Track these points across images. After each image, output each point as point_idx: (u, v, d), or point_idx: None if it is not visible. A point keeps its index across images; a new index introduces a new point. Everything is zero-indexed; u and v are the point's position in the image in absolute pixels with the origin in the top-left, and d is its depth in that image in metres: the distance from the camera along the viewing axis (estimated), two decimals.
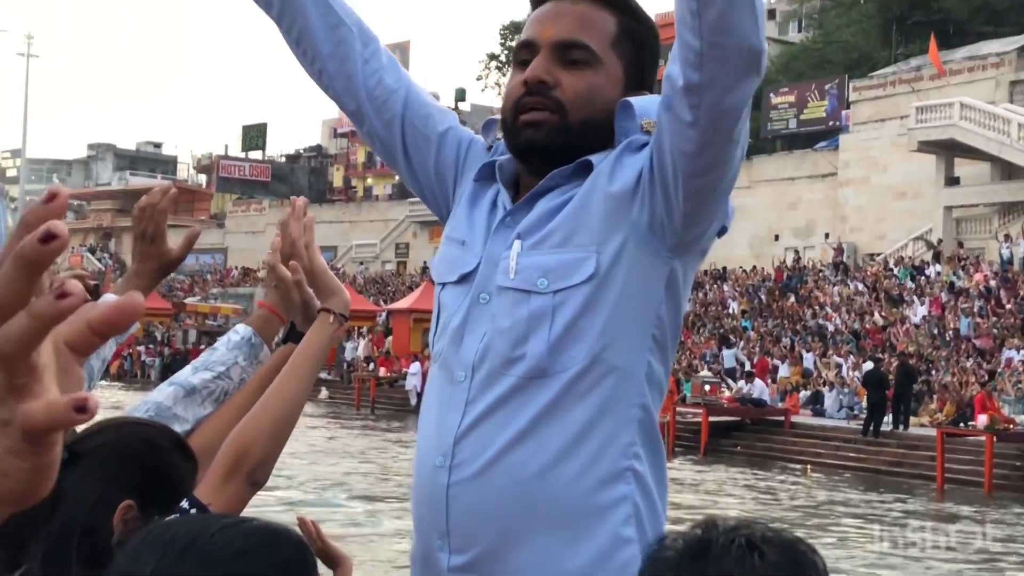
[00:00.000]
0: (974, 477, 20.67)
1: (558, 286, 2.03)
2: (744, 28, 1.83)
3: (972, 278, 34.13)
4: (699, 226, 2.05)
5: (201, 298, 56.50)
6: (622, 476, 2.02)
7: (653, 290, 2.05)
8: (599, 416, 2.01)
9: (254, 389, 2.32)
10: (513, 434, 2.01)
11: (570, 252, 2.05)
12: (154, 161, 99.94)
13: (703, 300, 41.13)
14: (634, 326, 2.04)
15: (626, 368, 2.03)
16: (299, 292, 2.41)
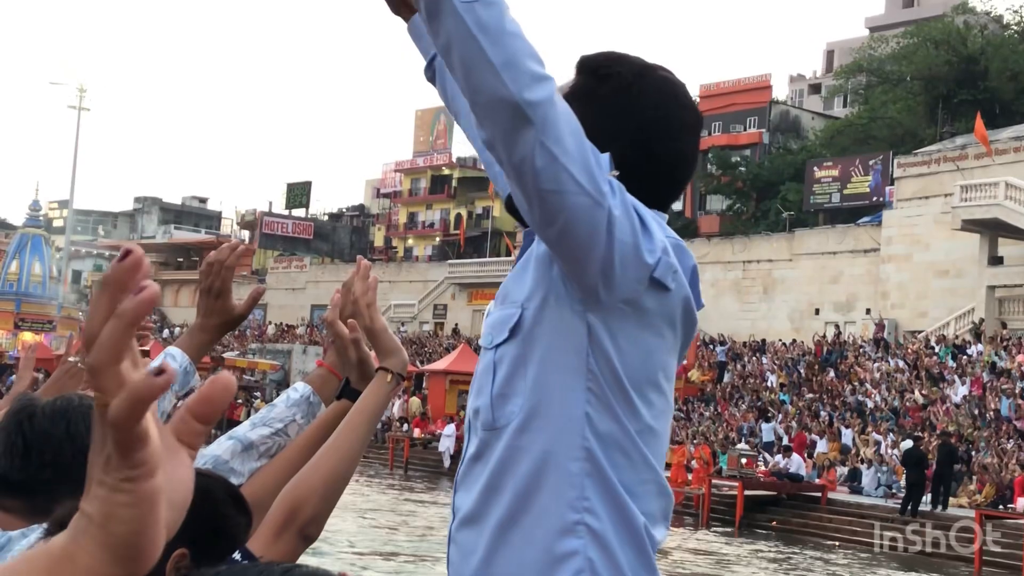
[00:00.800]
0: (1013, 561, 20.32)
1: (496, 342, 2.11)
2: (488, 84, 1.87)
3: (1014, 359, 33.79)
4: (584, 278, 2.01)
5: (240, 353, 56.72)
6: (572, 530, 2.02)
7: (577, 344, 2.05)
8: (541, 470, 2.04)
9: (306, 444, 2.34)
10: (481, 487, 2.08)
11: (507, 309, 2.11)
12: (199, 216, 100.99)
13: (741, 372, 40.92)
14: (565, 380, 2.05)
15: (561, 421, 2.04)
16: (356, 350, 2.43)
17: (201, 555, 1.90)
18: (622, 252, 1.98)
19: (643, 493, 2.07)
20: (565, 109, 1.93)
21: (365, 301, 2.40)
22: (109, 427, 0.87)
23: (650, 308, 2.05)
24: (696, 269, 2.15)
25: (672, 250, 2.05)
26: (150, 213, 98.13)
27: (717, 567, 18.79)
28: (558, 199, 1.92)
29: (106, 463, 0.88)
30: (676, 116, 2.17)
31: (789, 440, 30.93)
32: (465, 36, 1.87)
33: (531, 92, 1.87)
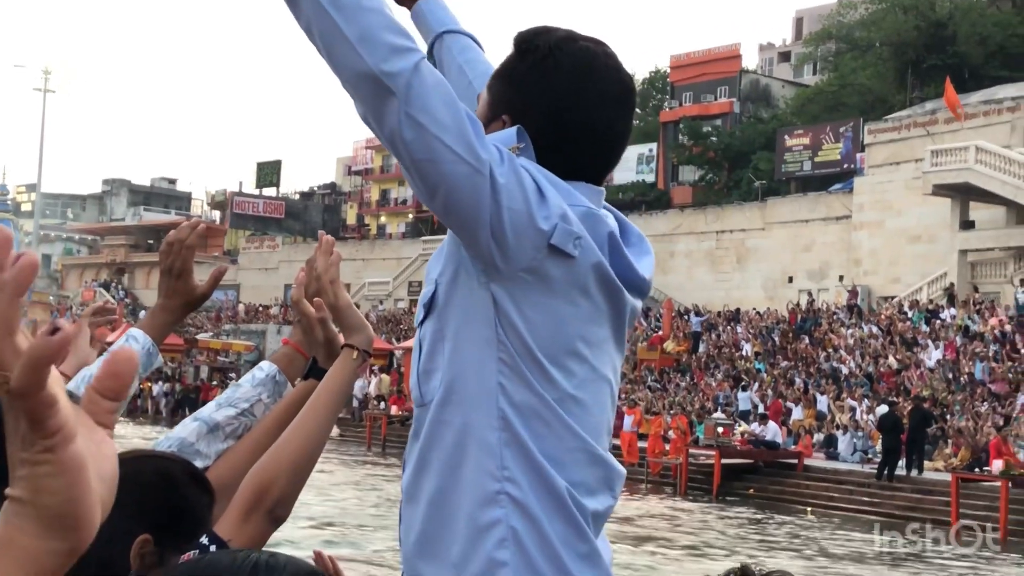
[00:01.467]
0: (989, 523, 20.47)
1: (418, 320, 2.15)
2: (348, 60, 1.92)
3: (987, 322, 34.02)
4: (476, 247, 2.02)
5: (213, 334, 56.58)
6: (494, 500, 2.04)
7: (485, 315, 2.06)
8: (463, 442, 2.06)
9: (273, 424, 2.29)
10: (414, 462, 2.11)
11: (427, 286, 2.15)
12: (168, 197, 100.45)
13: (716, 342, 41.07)
14: (479, 352, 2.06)
15: (477, 394, 2.06)
16: (322, 329, 2.38)
17: (166, 539, 1.85)
18: (513, 220, 1.97)
19: (571, 462, 2.06)
20: (435, 79, 1.95)
21: (328, 277, 2.37)
22: (15, 399, 0.86)
23: (555, 276, 2.03)
24: (615, 237, 2.11)
25: (581, 218, 2.04)
26: (119, 195, 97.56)
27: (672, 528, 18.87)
28: (433, 168, 1.94)
29: (23, 441, 0.88)
30: (592, 88, 2.14)
31: (765, 408, 31.08)
32: (321, 14, 1.93)
33: (389, 64, 1.90)
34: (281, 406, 2.38)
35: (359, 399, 40.41)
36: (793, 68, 72.85)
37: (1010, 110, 41.50)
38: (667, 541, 18.17)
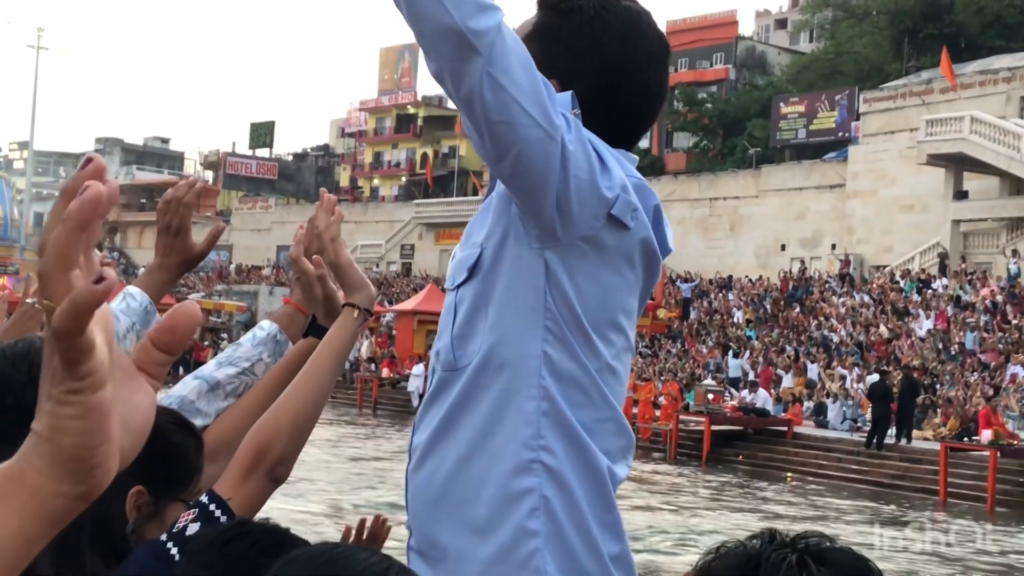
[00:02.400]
0: (977, 492, 20.59)
1: (457, 282, 2.11)
2: (432, 13, 1.84)
3: (979, 292, 34.07)
4: (540, 214, 1.99)
5: (205, 294, 56.50)
6: (528, 469, 2.03)
7: (535, 282, 2.05)
8: (500, 409, 2.04)
9: (273, 383, 2.29)
10: (437, 425, 2.08)
11: (467, 249, 2.11)
12: (161, 156, 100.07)
13: (708, 309, 41.11)
14: (524, 319, 2.05)
15: (519, 361, 2.04)
16: (321, 286, 2.37)
17: (159, 488, 1.85)
18: (578, 188, 1.96)
19: (601, 431, 2.07)
20: (514, 40, 1.90)
21: (329, 235, 2.35)
22: (53, 336, 0.84)
23: (609, 246, 2.04)
24: (660, 209, 2.13)
25: (633, 189, 2.04)
26: (112, 154, 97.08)
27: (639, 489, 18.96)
28: (509, 131, 1.90)
29: (53, 376, 0.86)
30: (642, 48, 2.12)
31: (755, 375, 31.14)
32: None
33: (475, 21, 1.84)
34: (281, 364, 2.38)
35: (350, 362, 40.40)
36: (789, 35, 72.56)
37: (1006, 80, 41.39)
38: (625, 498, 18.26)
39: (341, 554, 1.24)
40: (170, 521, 1.83)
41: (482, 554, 2.02)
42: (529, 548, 2.01)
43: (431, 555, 2.08)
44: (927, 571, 13.75)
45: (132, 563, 1.72)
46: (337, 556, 1.23)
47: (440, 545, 2.06)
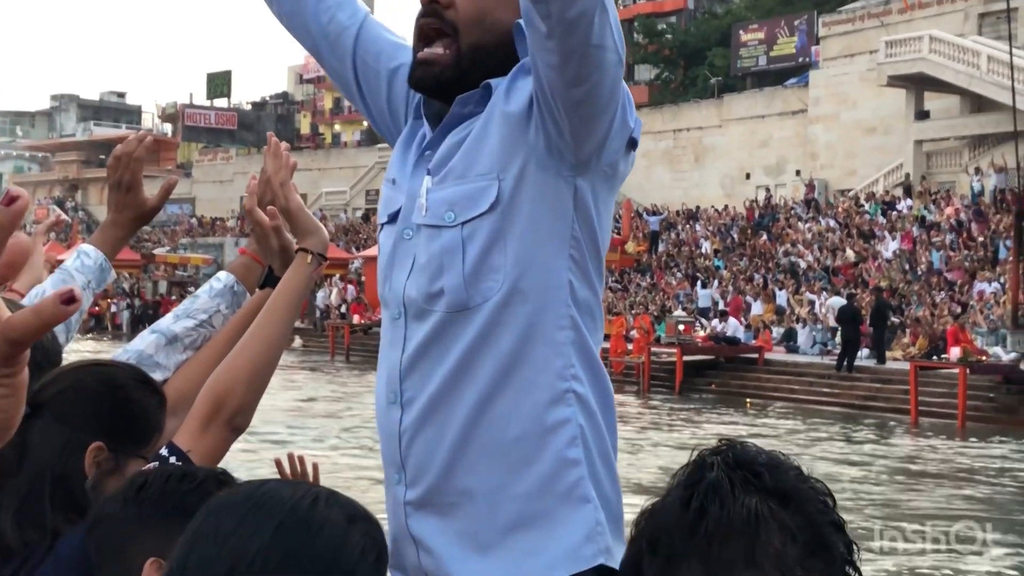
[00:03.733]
0: (948, 410, 20.82)
1: (464, 217, 2.03)
2: None
3: (943, 212, 34.28)
4: (591, 140, 2.00)
5: (170, 248, 56.19)
6: (562, 399, 2.03)
7: (562, 211, 2.04)
8: (527, 343, 2.02)
9: (231, 334, 2.26)
10: (449, 368, 2.03)
11: (472, 182, 2.04)
12: (118, 111, 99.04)
13: (675, 240, 41.22)
14: (549, 249, 2.04)
15: (546, 292, 2.03)
16: (277, 237, 2.33)
17: (119, 444, 1.83)
18: (620, 115, 1.99)
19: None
20: None
21: (278, 180, 2.29)
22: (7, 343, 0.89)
23: (620, 172, 2.09)
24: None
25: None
26: (68, 111, 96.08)
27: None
28: (600, 56, 1.89)
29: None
30: None
31: (725, 305, 31.30)
32: None
33: None
34: (238, 316, 2.35)
35: (321, 309, 40.38)
36: None
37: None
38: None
39: (264, 495, 1.22)
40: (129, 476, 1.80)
41: (519, 489, 2.01)
42: (573, 477, 2.01)
43: (446, 503, 2.04)
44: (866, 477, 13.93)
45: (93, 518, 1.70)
46: (262, 499, 1.22)
47: (461, 490, 2.03)
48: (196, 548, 1.20)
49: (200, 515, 1.24)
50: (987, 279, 28.42)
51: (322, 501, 1.24)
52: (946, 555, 9.97)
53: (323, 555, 1.20)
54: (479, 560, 2.02)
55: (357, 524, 1.24)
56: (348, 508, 1.25)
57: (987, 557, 10.11)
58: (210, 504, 1.24)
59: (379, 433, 2.17)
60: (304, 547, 1.19)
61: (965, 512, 12.43)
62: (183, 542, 1.22)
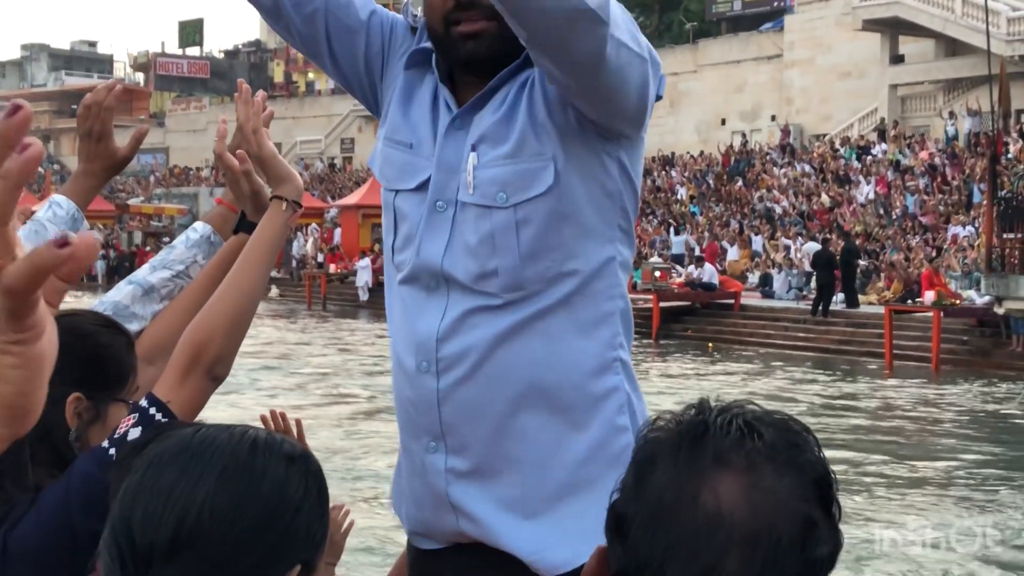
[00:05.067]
0: (922, 353, 20.97)
1: (517, 199, 2.03)
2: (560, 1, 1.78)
3: (917, 156, 34.35)
4: (623, 117, 2.03)
5: (144, 199, 55.82)
6: (611, 367, 2.07)
7: (611, 186, 2.06)
8: (579, 315, 2.04)
9: (207, 281, 2.26)
10: (500, 337, 2.03)
11: (525, 163, 2.03)
12: (90, 60, 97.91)
13: (652, 187, 41.18)
14: (601, 225, 2.06)
15: (600, 268, 2.06)
16: (248, 181, 2.32)
17: (96, 391, 1.84)
18: (650, 92, 2.03)
19: None
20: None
21: (250, 127, 2.25)
22: (1, 293, 0.85)
23: (644, 136, 2.14)
24: None
25: None
26: (39, 60, 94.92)
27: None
28: (621, 76, 1.91)
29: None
30: None
31: (701, 251, 31.35)
32: None
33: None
34: (213, 263, 2.34)
35: (296, 259, 40.27)
36: None
37: None
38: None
39: (202, 443, 1.24)
40: (112, 424, 1.81)
41: (569, 456, 2.04)
42: (622, 443, 2.04)
43: (493, 470, 2.05)
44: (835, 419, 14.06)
45: (75, 471, 1.71)
46: (200, 447, 1.23)
47: (510, 457, 2.04)
48: (139, 502, 1.20)
49: (138, 468, 1.23)
50: (961, 223, 28.55)
51: (261, 444, 1.25)
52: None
53: (268, 498, 1.21)
54: (527, 526, 2.04)
55: (296, 463, 1.25)
56: (286, 448, 1.27)
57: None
58: (147, 455, 1.24)
59: (402, 398, 2.16)
60: (249, 492, 1.21)
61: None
62: (123, 498, 1.22)
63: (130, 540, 1.18)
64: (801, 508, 1.03)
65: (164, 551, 1.17)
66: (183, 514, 1.17)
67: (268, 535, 1.20)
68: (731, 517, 1.01)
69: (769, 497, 1.03)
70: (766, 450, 1.05)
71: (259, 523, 1.20)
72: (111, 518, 1.22)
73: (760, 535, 1.01)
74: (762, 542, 1.01)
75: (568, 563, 2.00)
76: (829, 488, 1.06)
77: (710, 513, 1.02)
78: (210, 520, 1.18)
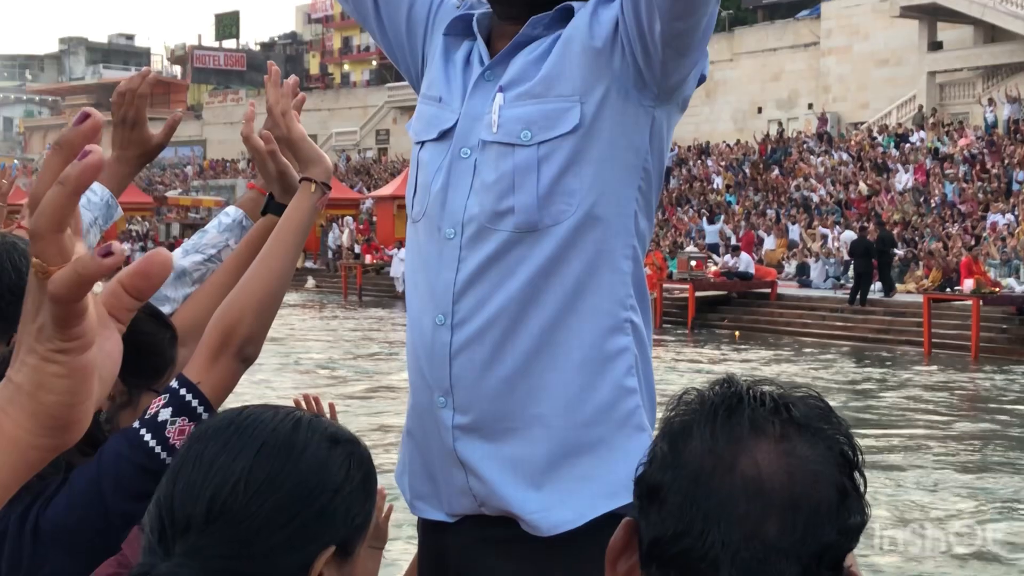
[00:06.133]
0: (961, 342, 20.81)
1: (542, 137, 2.02)
2: None
3: (956, 144, 34.05)
4: (679, 72, 2.03)
5: (182, 191, 56.18)
6: (622, 328, 2.06)
7: (638, 141, 2.05)
8: (594, 269, 2.03)
9: (236, 263, 2.27)
10: (514, 291, 2.02)
11: (552, 103, 2.03)
12: (127, 53, 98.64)
13: (687, 176, 41.05)
14: (621, 178, 2.04)
15: (615, 220, 2.04)
16: (274, 162, 2.32)
17: (132, 378, 1.85)
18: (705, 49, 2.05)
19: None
20: None
21: (279, 109, 2.26)
22: (48, 299, 0.84)
23: (683, 104, 2.13)
24: None
25: None
26: (77, 54, 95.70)
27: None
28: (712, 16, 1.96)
29: (39, 332, 0.86)
30: None
31: (737, 240, 31.21)
32: None
33: None
34: (242, 245, 2.34)
35: (332, 250, 40.40)
36: None
37: None
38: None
39: (247, 419, 1.26)
40: (143, 409, 1.81)
41: (578, 417, 2.03)
42: (630, 406, 2.05)
43: (500, 428, 2.05)
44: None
45: (106, 451, 1.72)
46: (244, 423, 1.25)
47: (517, 415, 2.03)
48: (182, 473, 1.23)
49: (187, 441, 1.26)
50: (1000, 211, 28.29)
51: (304, 424, 1.26)
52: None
53: (306, 476, 1.22)
54: (533, 487, 2.03)
55: (340, 446, 1.26)
56: (331, 430, 1.27)
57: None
58: (196, 430, 1.27)
59: (415, 354, 2.15)
60: (286, 469, 1.22)
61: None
62: (171, 468, 1.24)
63: (171, 510, 1.21)
64: (835, 476, 1.05)
65: (200, 521, 1.20)
66: (220, 486, 1.20)
67: (303, 513, 1.21)
68: (771, 483, 1.03)
69: (807, 465, 1.04)
70: (800, 419, 1.06)
71: (294, 500, 1.21)
72: (157, 491, 1.24)
73: (800, 501, 1.03)
74: (802, 508, 1.03)
75: (570, 522, 2.00)
76: (856, 460, 1.07)
77: (749, 479, 1.03)
78: (244, 493, 1.20)
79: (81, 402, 0.88)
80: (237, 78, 77.64)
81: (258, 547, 1.21)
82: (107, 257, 0.83)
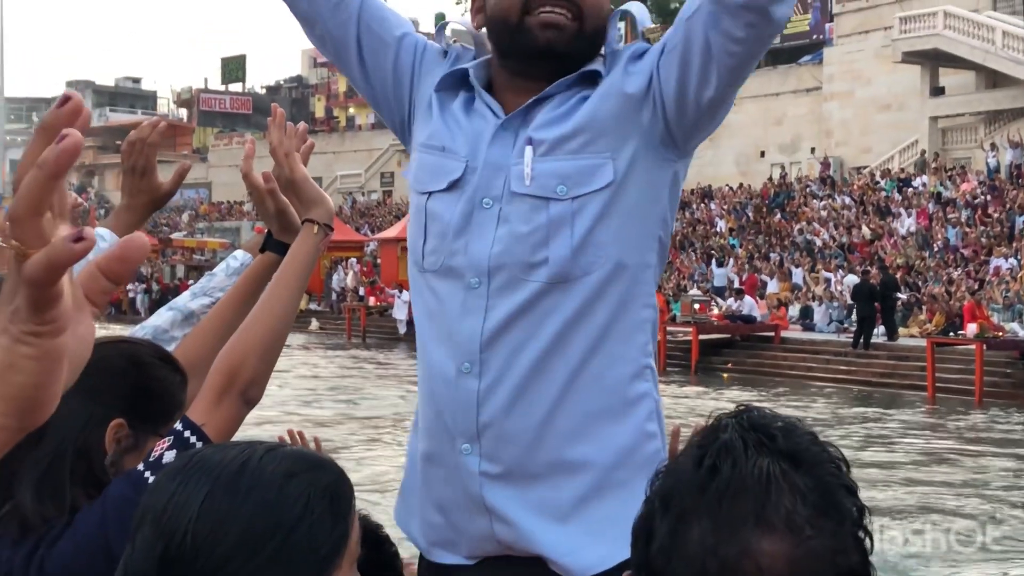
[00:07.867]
0: (965, 386, 20.75)
1: (577, 192, 2.07)
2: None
3: (959, 188, 34.10)
4: (707, 132, 2.13)
5: (187, 233, 56.26)
6: (642, 373, 2.12)
7: (660, 194, 2.13)
8: (618, 317, 2.08)
9: (234, 300, 2.28)
10: (545, 341, 2.06)
11: (586, 158, 2.08)
12: (134, 97, 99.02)
13: (691, 219, 41.09)
14: (644, 230, 2.11)
15: (637, 271, 2.10)
16: (273, 200, 2.34)
17: (140, 422, 1.85)
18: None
19: None
20: None
21: (282, 150, 2.27)
22: (24, 283, 0.83)
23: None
24: None
25: None
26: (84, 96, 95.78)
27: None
28: (775, 30, 2.05)
29: (13, 314, 0.85)
30: None
31: (740, 283, 31.19)
32: None
33: None
34: (240, 282, 2.35)
35: (337, 292, 40.41)
36: None
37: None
38: None
39: (196, 464, 1.23)
40: (147, 452, 1.83)
41: (600, 461, 2.07)
42: (651, 449, 2.10)
43: (529, 474, 2.07)
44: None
45: (110, 494, 1.73)
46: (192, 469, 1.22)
47: (546, 461, 2.06)
48: (141, 527, 1.20)
49: (148, 490, 1.23)
50: (1003, 255, 28.29)
51: (254, 461, 1.22)
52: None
53: (252, 519, 1.18)
54: (559, 529, 2.06)
55: (297, 477, 1.22)
56: (286, 462, 1.23)
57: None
58: (156, 479, 1.24)
59: (434, 401, 2.16)
60: (231, 514, 1.18)
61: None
62: (134, 519, 1.22)
63: (126, 572, 1.20)
64: (841, 562, 1.04)
65: (155, 573, 1.18)
66: (168, 541, 1.17)
67: (254, 557, 1.18)
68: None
69: (812, 561, 1.03)
70: (802, 499, 1.05)
71: (243, 544, 1.18)
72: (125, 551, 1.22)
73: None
74: None
75: (602, 563, 2.02)
76: (863, 525, 1.07)
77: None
78: (192, 546, 1.17)
79: (50, 385, 0.88)
80: (243, 121, 77.87)
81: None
82: (78, 242, 0.82)
